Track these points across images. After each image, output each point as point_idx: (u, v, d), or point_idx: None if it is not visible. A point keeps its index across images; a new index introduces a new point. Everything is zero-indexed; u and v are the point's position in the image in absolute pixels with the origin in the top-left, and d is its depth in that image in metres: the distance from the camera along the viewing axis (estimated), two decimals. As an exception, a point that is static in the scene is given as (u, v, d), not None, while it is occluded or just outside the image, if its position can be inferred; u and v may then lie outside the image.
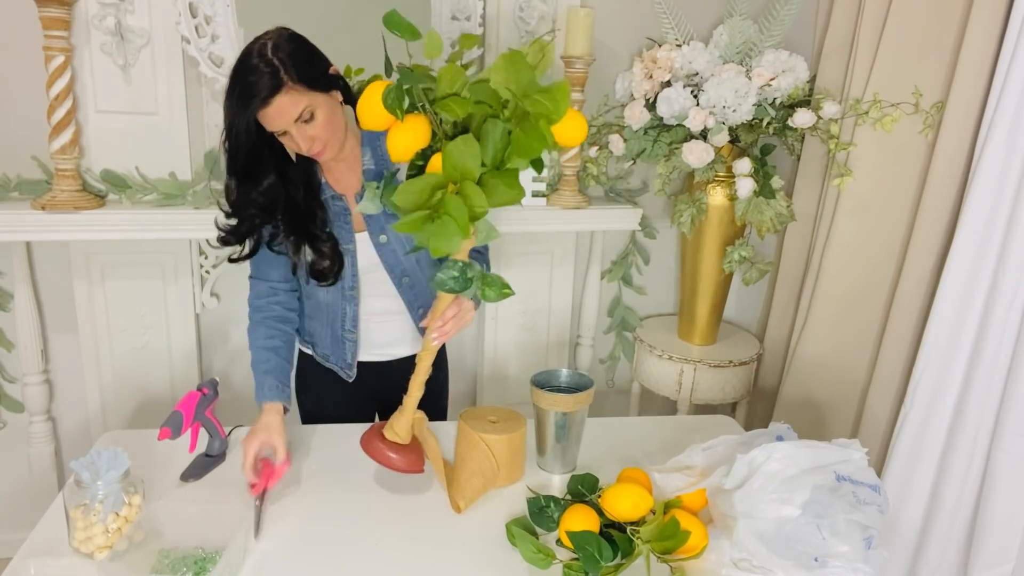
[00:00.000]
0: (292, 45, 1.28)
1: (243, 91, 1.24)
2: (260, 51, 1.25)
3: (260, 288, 1.49)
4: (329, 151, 1.34)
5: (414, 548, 1.17)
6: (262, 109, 1.25)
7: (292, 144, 1.32)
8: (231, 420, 1.47)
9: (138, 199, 1.90)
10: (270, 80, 1.23)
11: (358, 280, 1.49)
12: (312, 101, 1.27)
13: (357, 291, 1.50)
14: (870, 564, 1.04)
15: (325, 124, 1.30)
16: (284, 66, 1.24)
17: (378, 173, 1.44)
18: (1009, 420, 1.53)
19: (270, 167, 1.36)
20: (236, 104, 1.26)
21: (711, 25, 2.12)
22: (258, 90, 1.23)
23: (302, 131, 1.29)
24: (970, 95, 1.65)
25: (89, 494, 1.09)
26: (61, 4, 1.70)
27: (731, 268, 2.10)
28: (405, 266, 1.49)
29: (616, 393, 2.54)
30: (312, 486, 1.31)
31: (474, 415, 1.37)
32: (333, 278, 1.45)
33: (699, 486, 1.19)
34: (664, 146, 2.00)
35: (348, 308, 1.51)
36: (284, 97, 1.24)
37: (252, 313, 1.49)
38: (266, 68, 1.23)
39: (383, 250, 1.47)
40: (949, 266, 1.60)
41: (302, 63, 1.27)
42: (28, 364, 1.99)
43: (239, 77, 1.25)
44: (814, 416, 2.09)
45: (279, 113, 1.26)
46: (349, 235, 1.45)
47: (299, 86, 1.25)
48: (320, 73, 1.31)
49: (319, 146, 1.32)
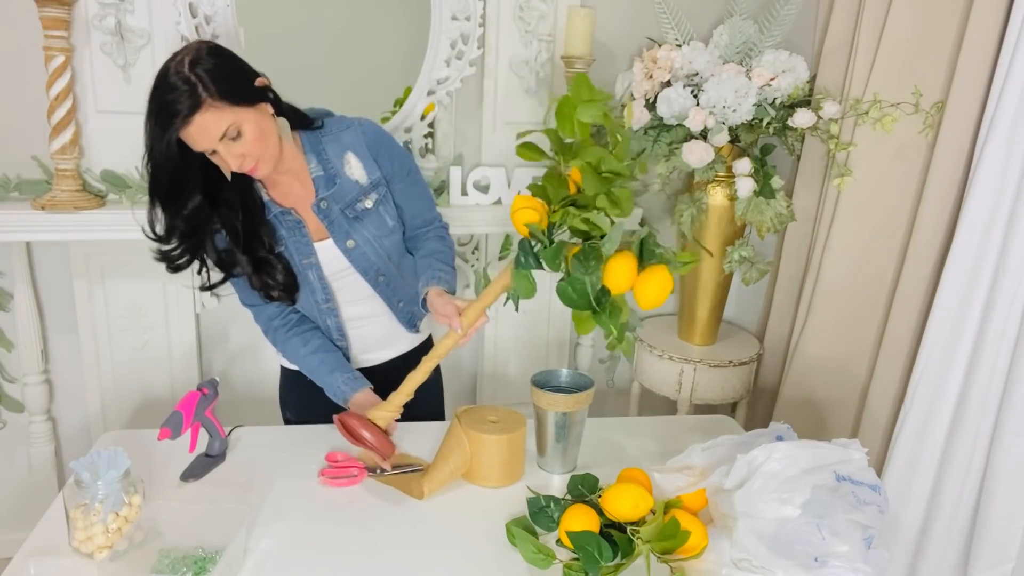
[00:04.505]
0: (213, 60, 1.22)
1: (161, 111, 1.19)
2: (177, 68, 1.19)
3: (266, 311, 1.46)
4: (262, 167, 1.29)
5: (414, 548, 1.17)
6: (183, 129, 1.20)
7: (222, 163, 1.27)
8: (231, 420, 1.47)
9: (138, 199, 1.89)
10: (188, 98, 1.18)
11: (330, 291, 1.46)
12: (237, 117, 1.22)
13: (333, 302, 1.47)
14: (870, 564, 1.04)
15: (255, 140, 1.25)
16: (202, 82, 1.19)
17: (329, 179, 1.40)
18: (1009, 420, 1.53)
19: (195, 190, 1.30)
20: (155, 125, 1.21)
21: (711, 25, 2.12)
22: (177, 109, 1.18)
23: (230, 149, 1.24)
24: (970, 95, 1.64)
25: (89, 494, 1.09)
26: (61, 4, 1.70)
27: (731, 268, 2.10)
28: (379, 265, 1.46)
29: (616, 393, 2.54)
30: (312, 486, 1.31)
31: (473, 414, 1.37)
32: (289, 300, 1.41)
33: (699, 486, 1.19)
34: (664, 146, 2.00)
35: (329, 320, 1.48)
36: (205, 115, 1.19)
37: (272, 334, 1.46)
38: (184, 86, 1.18)
39: (352, 254, 1.43)
40: (949, 266, 1.60)
41: (223, 78, 1.22)
42: (28, 364, 2.00)
43: (156, 96, 1.20)
44: (814, 416, 2.09)
45: (201, 132, 1.21)
46: (308, 248, 1.41)
47: (220, 102, 1.20)
48: (244, 87, 1.26)
49: (251, 163, 1.27)
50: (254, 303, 1.45)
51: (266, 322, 1.46)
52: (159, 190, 1.29)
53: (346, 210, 1.42)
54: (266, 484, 1.30)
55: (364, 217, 1.43)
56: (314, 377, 1.45)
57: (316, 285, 1.44)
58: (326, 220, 1.41)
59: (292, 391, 1.60)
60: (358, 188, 1.42)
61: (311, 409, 1.54)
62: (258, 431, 1.48)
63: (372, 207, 1.43)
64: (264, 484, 1.30)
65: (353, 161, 1.42)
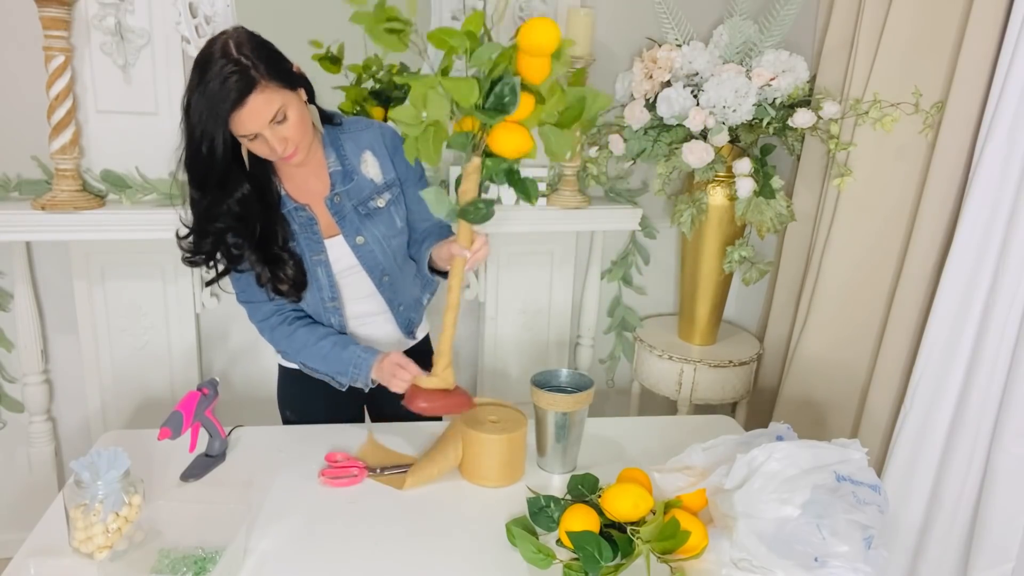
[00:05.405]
0: (255, 42, 1.21)
1: (212, 95, 1.17)
2: (223, 51, 1.17)
3: (263, 308, 1.43)
4: (300, 153, 1.28)
5: (414, 548, 1.17)
6: (236, 111, 1.18)
7: (263, 149, 1.25)
8: (231, 420, 1.47)
9: (138, 199, 1.90)
10: (243, 79, 1.16)
11: (337, 289, 1.45)
12: (284, 100, 1.22)
13: (339, 300, 1.46)
14: (870, 564, 1.04)
15: (297, 124, 1.24)
16: (253, 63, 1.17)
17: (346, 175, 1.39)
18: (1009, 420, 1.53)
19: (242, 176, 1.29)
20: (205, 109, 1.18)
21: (711, 25, 2.12)
22: (228, 90, 1.16)
23: (276, 132, 1.23)
24: (970, 95, 1.64)
25: (89, 494, 1.09)
26: (61, 4, 1.70)
27: (731, 268, 2.10)
28: (384, 265, 1.46)
29: (616, 393, 2.54)
30: (311, 486, 1.31)
31: (474, 414, 1.37)
32: (296, 297, 1.40)
33: (699, 486, 1.19)
34: (664, 146, 2.00)
35: (333, 319, 1.47)
36: (259, 96, 1.18)
37: (271, 331, 1.43)
38: (235, 67, 1.16)
39: (361, 251, 1.43)
40: (949, 266, 1.60)
41: (269, 60, 1.21)
42: (28, 364, 1.99)
43: (204, 80, 1.17)
44: (814, 416, 2.09)
45: (253, 114, 1.19)
46: (319, 245, 1.40)
47: (272, 83, 1.19)
48: (287, 70, 1.25)
49: (291, 147, 1.26)
50: (253, 299, 1.42)
51: (263, 319, 1.44)
52: (209, 178, 1.26)
53: (359, 207, 1.42)
54: (266, 484, 1.30)
55: (375, 215, 1.43)
56: (326, 363, 1.41)
57: (324, 282, 1.43)
58: (337, 215, 1.41)
59: (292, 390, 1.60)
60: (372, 186, 1.43)
61: (311, 406, 1.54)
62: (258, 431, 1.48)
63: (384, 206, 1.44)
64: (264, 484, 1.30)
65: (370, 160, 1.42)
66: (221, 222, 1.30)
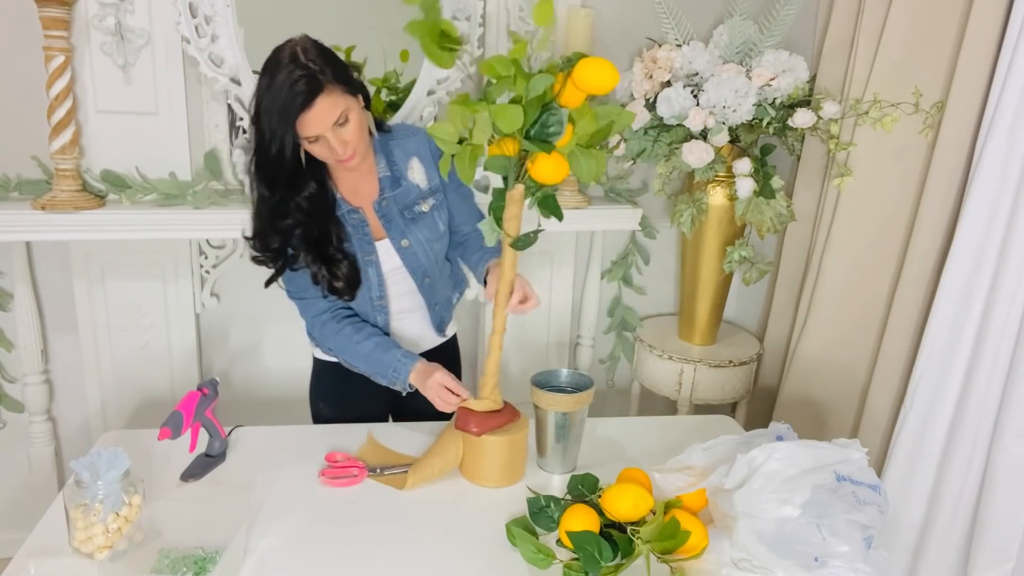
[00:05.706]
0: (319, 49, 1.27)
1: (282, 98, 1.22)
2: (292, 56, 1.23)
3: (317, 305, 1.47)
4: (358, 156, 1.33)
5: (414, 548, 1.17)
6: (304, 112, 1.23)
7: (324, 151, 1.30)
8: (231, 420, 1.47)
9: (138, 199, 1.90)
10: (310, 82, 1.22)
11: (385, 289, 1.49)
12: (347, 103, 1.27)
13: (386, 299, 1.50)
14: (870, 564, 1.04)
15: (358, 127, 1.30)
16: (319, 67, 1.23)
17: (395, 180, 1.44)
18: (1009, 420, 1.53)
19: (308, 176, 1.35)
20: (276, 111, 1.23)
21: (711, 25, 2.12)
22: (297, 93, 1.21)
23: (338, 134, 1.27)
24: (970, 95, 1.64)
25: (89, 494, 1.09)
26: (61, 4, 1.70)
27: (731, 268, 2.10)
28: (426, 267, 1.50)
29: (616, 393, 2.54)
30: (312, 486, 1.31)
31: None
32: (349, 296, 1.43)
33: (699, 486, 1.19)
34: (664, 146, 2.00)
35: (379, 317, 1.51)
36: (325, 99, 1.23)
37: (322, 327, 1.47)
38: (303, 72, 1.22)
39: (405, 253, 1.47)
40: (949, 266, 1.60)
41: (334, 65, 1.26)
42: (28, 364, 1.99)
43: (275, 83, 1.23)
44: (814, 416, 2.09)
45: (319, 116, 1.24)
46: (370, 246, 1.45)
47: (337, 87, 1.24)
48: (348, 75, 1.30)
49: (350, 150, 1.30)
50: (306, 296, 1.46)
51: (315, 315, 1.48)
52: (280, 176, 1.31)
53: (404, 211, 1.46)
54: (266, 484, 1.30)
55: (420, 220, 1.47)
56: (367, 362, 1.45)
57: (374, 282, 1.47)
58: (384, 219, 1.45)
59: (327, 382, 1.62)
60: (418, 192, 1.47)
61: (347, 397, 1.58)
62: (258, 431, 1.48)
63: (428, 211, 1.48)
64: (264, 484, 1.30)
65: (416, 166, 1.46)
66: (291, 219, 1.35)
